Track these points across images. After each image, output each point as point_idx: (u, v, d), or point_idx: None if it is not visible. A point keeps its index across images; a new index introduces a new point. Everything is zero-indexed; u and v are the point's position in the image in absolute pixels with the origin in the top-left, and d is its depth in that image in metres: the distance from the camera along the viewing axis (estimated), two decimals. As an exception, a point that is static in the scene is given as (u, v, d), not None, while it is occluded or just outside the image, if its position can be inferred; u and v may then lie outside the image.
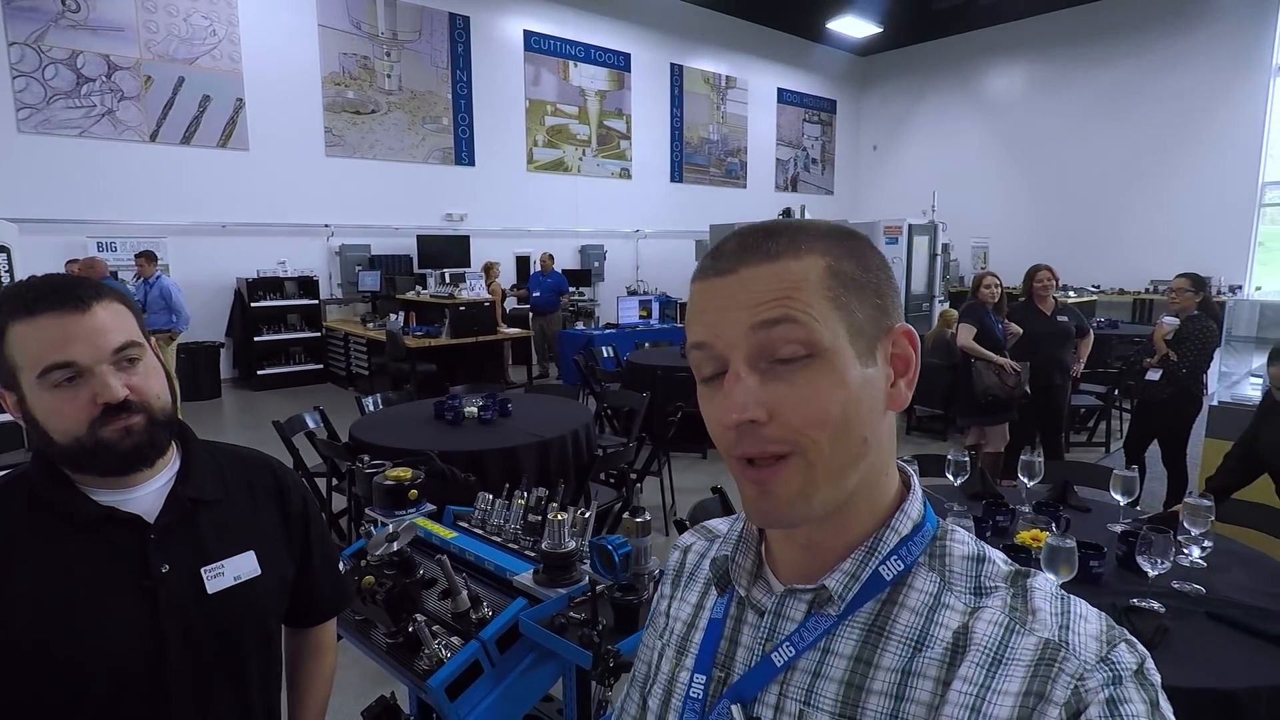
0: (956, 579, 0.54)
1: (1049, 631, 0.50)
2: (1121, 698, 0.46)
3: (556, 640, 1.23)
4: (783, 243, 0.53)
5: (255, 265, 8.52)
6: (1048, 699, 0.47)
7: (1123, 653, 0.48)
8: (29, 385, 0.85)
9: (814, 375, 0.50)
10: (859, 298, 0.53)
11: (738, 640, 0.60)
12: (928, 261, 9.49)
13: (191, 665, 0.92)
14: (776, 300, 0.51)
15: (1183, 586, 1.86)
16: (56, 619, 0.85)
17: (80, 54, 7.41)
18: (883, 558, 0.54)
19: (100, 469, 0.88)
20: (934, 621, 0.53)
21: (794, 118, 14.72)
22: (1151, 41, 11.38)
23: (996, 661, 0.49)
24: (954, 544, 0.56)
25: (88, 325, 0.85)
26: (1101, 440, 6.14)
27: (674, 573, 0.73)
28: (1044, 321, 4.49)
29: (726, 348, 0.52)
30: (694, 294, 0.56)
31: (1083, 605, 0.52)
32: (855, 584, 0.54)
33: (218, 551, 0.96)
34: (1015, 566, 0.55)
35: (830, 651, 0.54)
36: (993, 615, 0.52)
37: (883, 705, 0.51)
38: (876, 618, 0.54)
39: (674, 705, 0.62)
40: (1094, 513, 2.47)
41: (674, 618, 0.68)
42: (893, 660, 0.52)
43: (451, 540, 1.66)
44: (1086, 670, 0.47)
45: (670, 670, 0.64)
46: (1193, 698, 1.46)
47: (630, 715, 0.72)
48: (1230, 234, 10.79)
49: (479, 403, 3.71)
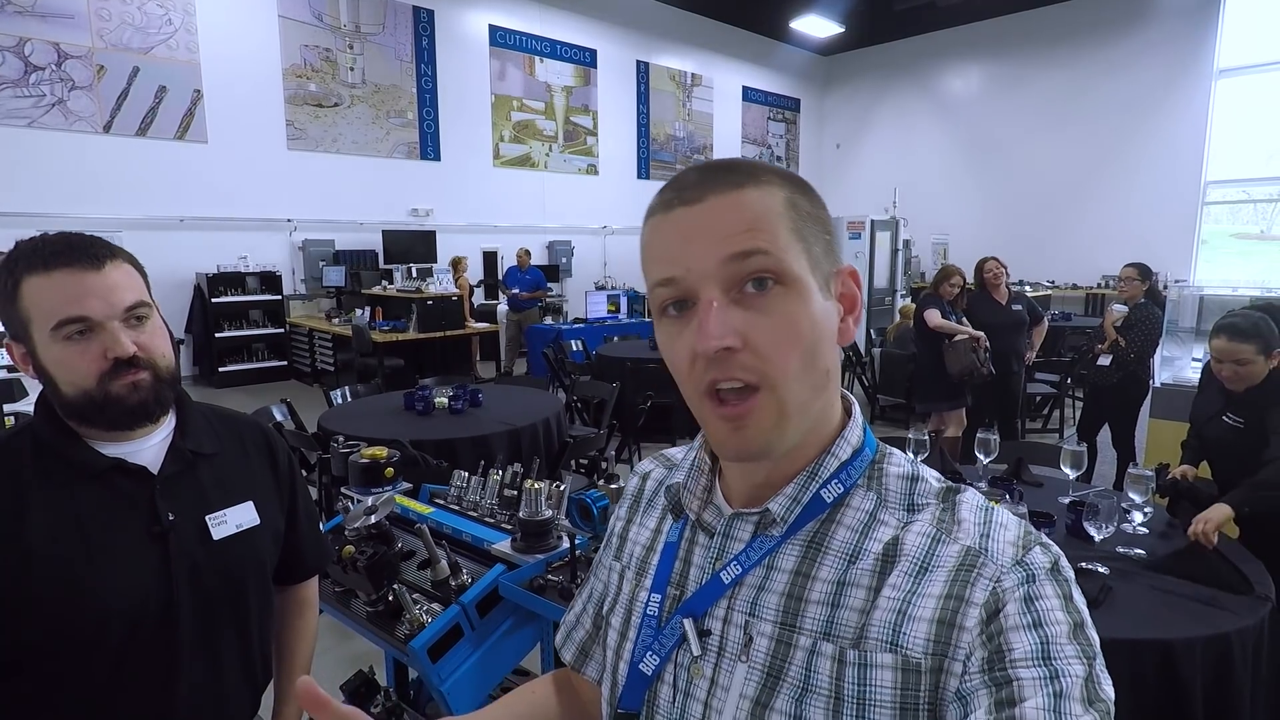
0: (891, 496, 0.58)
1: (971, 539, 0.53)
2: (1036, 594, 0.50)
3: (536, 600, 1.27)
4: (743, 174, 0.54)
5: (215, 260, 8.33)
6: (968, 601, 0.50)
7: (1037, 554, 0.52)
8: (41, 338, 0.88)
9: (785, 303, 0.53)
10: (814, 231, 0.56)
11: (690, 560, 0.63)
12: (889, 257, 9.71)
13: (200, 608, 0.96)
14: (746, 232, 0.52)
15: (1126, 551, 1.98)
16: (75, 564, 0.88)
17: (29, 41, 7.17)
18: (823, 481, 0.58)
19: (107, 422, 0.91)
20: (869, 536, 0.56)
21: (759, 116, 14.87)
22: (1100, 46, 11.76)
23: (922, 569, 0.53)
24: (890, 465, 0.60)
25: (102, 282, 0.88)
26: (1055, 427, 6.36)
27: (631, 498, 0.75)
28: (999, 311, 4.64)
29: (698, 279, 0.52)
30: (655, 228, 0.55)
31: (1004, 515, 0.56)
32: (797, 506, 0.58)
33: (219, 501, 1.00)
34: (946, 484, 0.59)
35: (774, 568, 0.58)
36: (921, 528, 0.55)
37: (820, 613, 0.54)
38: (816, 535, 0.57)
39: (633, 622, 0.66)
40: (1045, 487, 2.59)
41: (633, 541, 0.71)
42: (829, 572, 0.56)
43: (429, 515, 1.69)
44: (1003, 572, 0.51)
45: (630, 591, 0.68)
46: (1134, 648, 1.56)
47: (585, 629, 0.76)
48: (1175, 231, 11.20)
49: (449, 393, 3.71)
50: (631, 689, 0.63)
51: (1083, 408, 4.76)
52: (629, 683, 0.63)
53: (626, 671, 0.64)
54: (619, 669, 0.66)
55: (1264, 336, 2.27)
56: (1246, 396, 2.35)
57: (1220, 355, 2.34)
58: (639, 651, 0.63)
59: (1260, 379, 2.30)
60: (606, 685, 0.68)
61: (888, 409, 6.73)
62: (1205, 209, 11.24)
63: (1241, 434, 2.36)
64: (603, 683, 0.69)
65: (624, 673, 0.64)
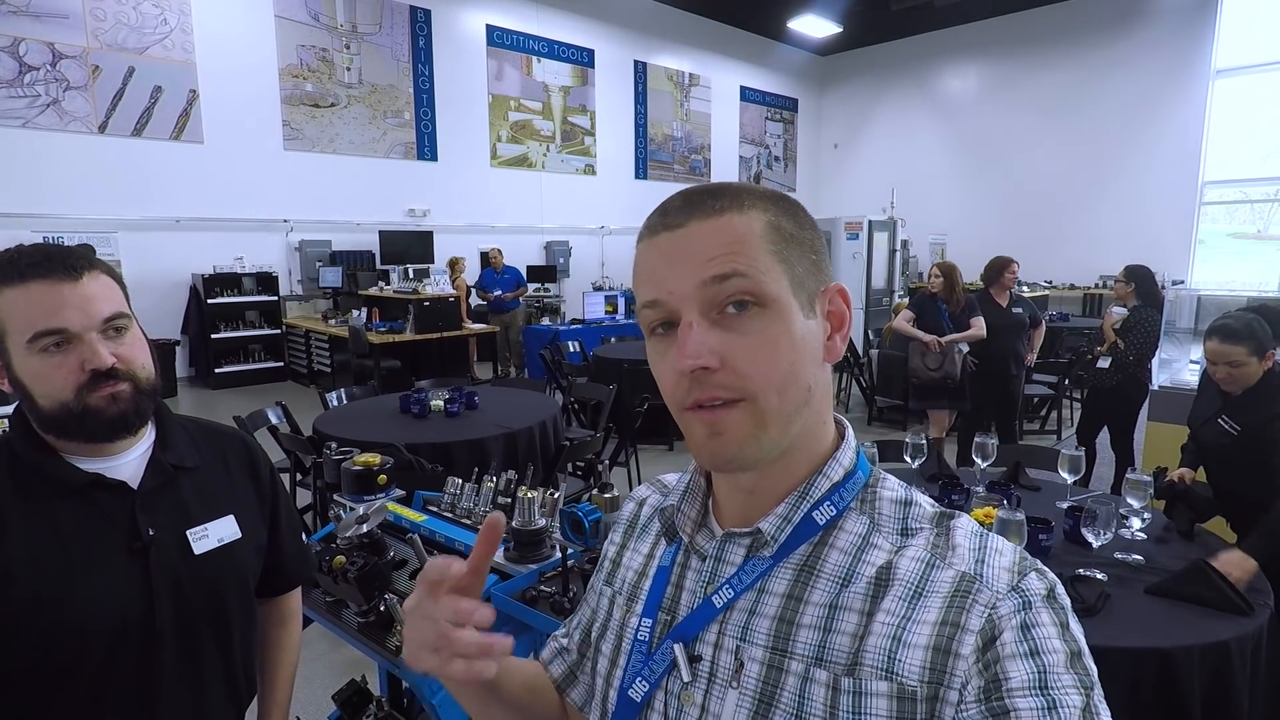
0: (885, 521, 0.58)
1: (966, 565, 0.53)
2: (1033, 621, 0.49)
3: (528, 612, 1.26)
4: (726, 199, 0.55)
5: (211, 261, 8.31)
6: (964, 628, 0.50)
7: (1032, 580, 0.52)
8: (17, 350, 0.87)
9: (763, 324, 0.53)
10: (797, 252, 0.56)
11: (682, 585, 0.63)
12: (887, 257, 9.71)
13: (182, 624, 0.95)
14: (724, 256, 0.53)
15: (1124, 557, 1.97)
16: (56, 581, 0.87)
17: (23, 41, 7.14)
18: (815, 502, 0.57)
19: (86, 435, 0.90)
20: (861, 560, 0.56)
21: (756, 116, 14.86)
22: (1098, 46, 11.76)
23: (917, 594, 0.53)
24: (884, 490, 0.60)
25: (79, 294, 0.87)
26: (1053, 429, 6.36)
27: (626, 523, 0.76)
28: (1000, 313, 4.64)
29: (679, 301, 0.54)
30: (642, 252, 0.57)
31: (1000, 541, 0.55)
32: (788, 526, 0.57)
33: (200, 515, 0.99)
34: (940, 509, 0.59)
35: (765, 591, 0.57)
36: (915, 553, 0.55)
37: (811, 638, 0.54)
38: (808, 558, 0.57)
39: (624, 648, 0.65)
40: (1043, 491, 2.58)
41: (625, 566, 0.71)
42: (821, 596, 0.55)
43: (421, 523, 1.68)
44: (999, 599, 0.50)
45: (621, 617, 0.67)
46: (1132, 656, 1.55)
47: (571, 655, 0.75)
48: (1173, 231, 11.21)
49: (445, 395, 3.70)
50: (621, 716, 0.62)
51: (1082, 411, 4.77)
52: (618, 710, 0.62)
53: (616, 699, 0.63)
54: (609, 696, 0.65)
55: (1257, 338, 2.27)
56: (1243, 399, 2.34)
57: (1214, 358, 2.33)
58: (628, 678, 0.62)
59: (1255, 380, 2.30)
60: (595, 714, 0.67)
61: (885, 410, 6.72)
62: (1202, 209, 11.24)
63: (1236, 439, 2.36)
64: (590, 711, 0.68)
65: (614, 700, 0.64)
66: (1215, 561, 1.79)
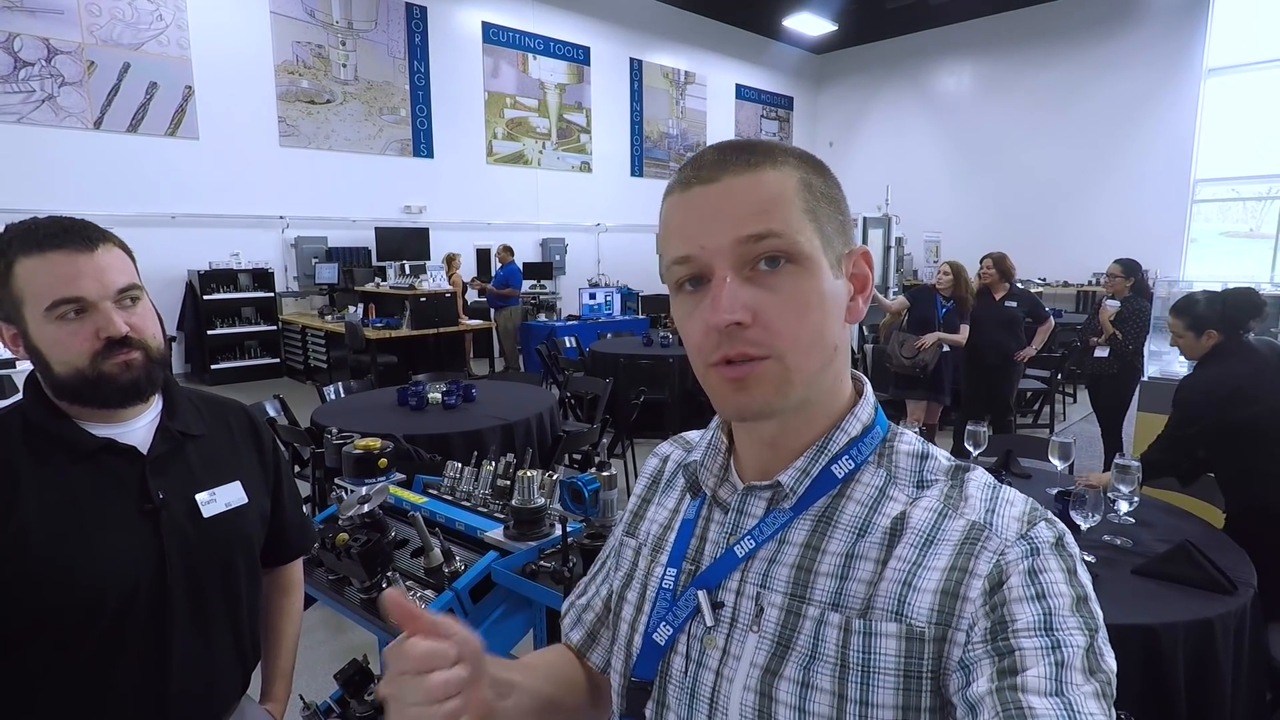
0: (901, 474, 0.60)
1: (977, 515, 0.55)
2: (1040, 567, 0.51)
3: (529, 585, 1.29)
4: (760, 154, 0.56)
5: (207, 257, 8.30)
6: (972, 572, 0.52)
7: (1041, 529, 0.54)
8: (34, 318, 0.89)
9: (795, 281, 0.54)
10: (827, 211, 0.57)
11: (706, 537, 0.65)
12: (882, 254, 9.76)
13: (191, 585, 0.98)
14: (759, 214, 0.53)
15: (1113, 540, 2.01)
16: (70, 541, 0.89)
17: (17, 36, 7.13)
18: (833, 456, 0.59)
19: (99, 401, 0.93)
20: (878, 511, 0.58)
21: (752, 114, 14.90)
22: (1091, 45, 11.82)
23: (928, 542, 0.55)
24: (901, 444, 0.62)
25: (95, 264, 0.90)
26: (1046, 422, 6.40)
27: (650, 477, 0.78)
28: (991, 306, 4.68)
29: (712, 256, 0.54)
30: (674, 206, 0.57)
31: (1011, 493, 0.58)
32: (806, 479, 0.59)
33: (208, 481, 1.01)
34: (956, 463, 0.61)
35: (785, 542, 0.59)
36: (929, 503, 0.57)
37: (829, 585, 0.56)
38: (826, 510, 0.59)
39: (649, 596, 0.67)
40: (1034, 479, 2.62)
41: (650, 520, 0.73)
42: (838, 545, 0.57)
43: (422, 505, 1.70)
44: (1007, 545, 0.52)
45: (646, 567, 0.70)
46: (1120, 633, 1.57)
47: (595, 611, 0.78)
48: (1165, 228, 11.27)
49: (443, 388, 3.72)
50: (645, 659, 0.65)
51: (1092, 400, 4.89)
52: (643, 653, 0.65)
53: (641, 643, 0.66)
54: (633, 640, 0.67)
55: (1196, 314, 2.37)
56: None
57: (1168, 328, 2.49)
58: (653, 623, 0.65)
59: (1195, 355, 2.41)
60: (619, 657, 0.69)
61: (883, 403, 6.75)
62: (1195, 207, 11.31)
63: None
64: (614, 655, 0.70)
65: (638, 644, 0.66)
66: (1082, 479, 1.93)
